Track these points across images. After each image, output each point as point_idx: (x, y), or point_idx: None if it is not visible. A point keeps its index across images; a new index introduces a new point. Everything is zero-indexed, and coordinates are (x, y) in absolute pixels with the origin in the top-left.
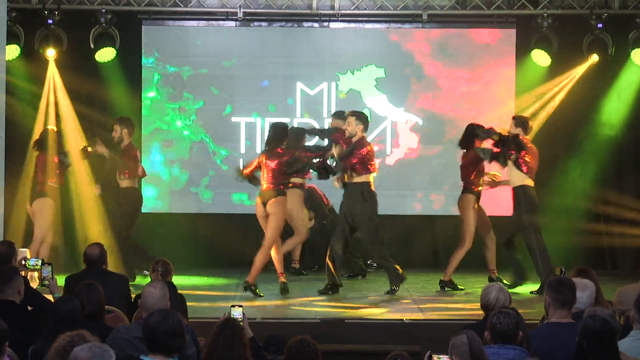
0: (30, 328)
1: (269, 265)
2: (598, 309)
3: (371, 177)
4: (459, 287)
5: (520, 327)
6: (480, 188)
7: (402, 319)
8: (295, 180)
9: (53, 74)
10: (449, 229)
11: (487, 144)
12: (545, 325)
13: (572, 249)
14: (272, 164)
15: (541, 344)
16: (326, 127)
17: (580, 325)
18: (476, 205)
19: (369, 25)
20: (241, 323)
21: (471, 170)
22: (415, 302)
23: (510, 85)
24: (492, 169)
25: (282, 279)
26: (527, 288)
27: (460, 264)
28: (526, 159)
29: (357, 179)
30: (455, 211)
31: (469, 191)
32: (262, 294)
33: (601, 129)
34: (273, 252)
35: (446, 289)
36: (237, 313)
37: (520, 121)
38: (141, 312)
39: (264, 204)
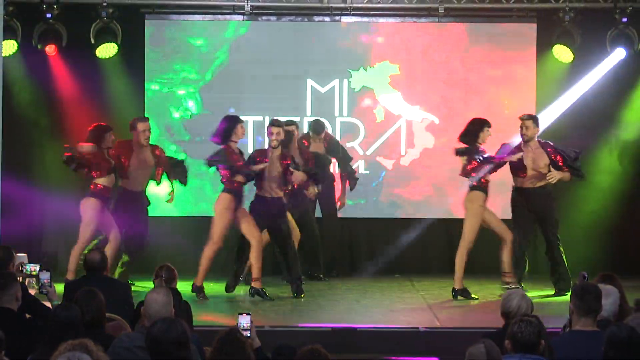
0: (28, 336)
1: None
2: None
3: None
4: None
5: (542, 335)
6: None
7: (418, 328)
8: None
9: (54, 69)
10: None
11: None
12: (569, 333)
13: (596, 253)
14: None
15: (565, 353)
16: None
17: (606, 334)
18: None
19: (382, 20)
20: (249, 332)
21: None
22: (432, 310)
23: (530, 82)
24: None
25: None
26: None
27: (478, 269)
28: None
29: None
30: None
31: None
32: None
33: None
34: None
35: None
36: (244, 321)
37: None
38: (144, 321)
39: None
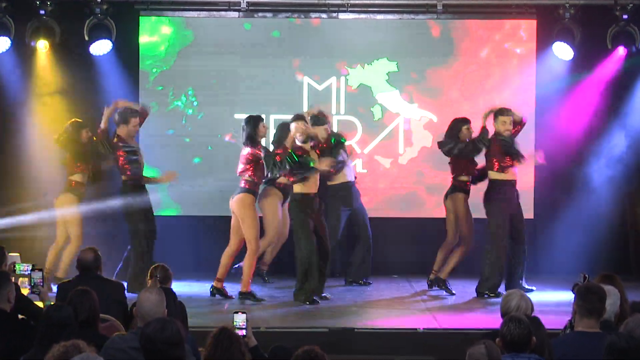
0: (21, 337)
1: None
2: None
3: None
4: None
5: (536, 334)
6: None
7: (417, 328)
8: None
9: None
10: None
11: None
12: (571, 333)
13: (596, 254)
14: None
15: (566, 353)
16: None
17: (606, 343)
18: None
19: (380, 16)
20: (244, 331)
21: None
22: (430, 310)
23: (530, 80)
24: None
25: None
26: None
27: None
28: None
29: None
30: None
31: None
32: (263, 299)
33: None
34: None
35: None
36: (239, 319)
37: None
38: (137, 322)
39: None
